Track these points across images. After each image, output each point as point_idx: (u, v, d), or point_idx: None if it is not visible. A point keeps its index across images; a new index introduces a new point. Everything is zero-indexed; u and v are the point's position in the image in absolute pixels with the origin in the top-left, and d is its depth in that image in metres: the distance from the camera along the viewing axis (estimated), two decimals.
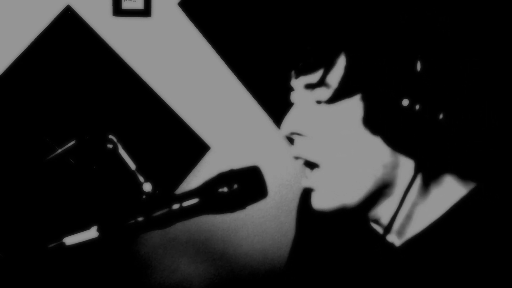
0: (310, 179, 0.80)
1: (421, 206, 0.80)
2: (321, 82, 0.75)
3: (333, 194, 0.77)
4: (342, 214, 0.79)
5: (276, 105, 0.79)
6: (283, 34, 1.93)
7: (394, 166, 0.76)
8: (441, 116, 0.70)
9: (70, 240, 0.71)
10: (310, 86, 0.77)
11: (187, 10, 1.96)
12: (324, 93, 0.75)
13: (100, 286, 2.02)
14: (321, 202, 0.79)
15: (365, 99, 0.73)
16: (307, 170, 0.81)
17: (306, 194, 1.02)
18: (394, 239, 0.83)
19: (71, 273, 1.87)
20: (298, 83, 0.80)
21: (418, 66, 0.70)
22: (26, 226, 1.88)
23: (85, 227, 0.72)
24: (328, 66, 0.74)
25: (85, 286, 1.98)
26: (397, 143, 0.73)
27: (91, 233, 0.71)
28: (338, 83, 0.73)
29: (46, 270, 1.65)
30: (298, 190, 2.40)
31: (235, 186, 0.72)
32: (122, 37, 1.93)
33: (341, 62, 0.74)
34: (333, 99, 0.74)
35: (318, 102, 0.76)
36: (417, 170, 0.75)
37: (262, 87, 2.06)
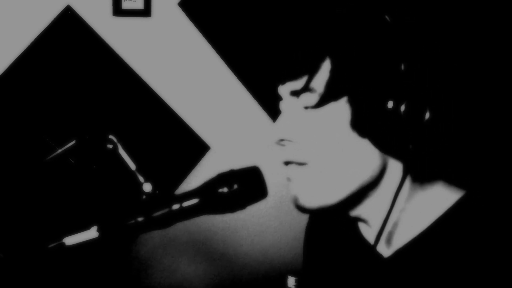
0: (295, 179, 0.80)
1: (409, 213, 0.79)
2: (306, 88, 0.75)
3: (318, 193, 0.78)
4: (322, 212, 0.80)
5: (276, 105, 0.80)
6: (280, 34, 1.93)
7: (382, 169, 0.77)
8: (427, 116, 0.71)
9: (70, 240, 0.71)
10: (295, 93, 0.77)
11: (187, 10, 1.97)
12: (310, 98, 0.75)
13: (100, 286, 2.02)
14: (305, 201, 0.79)
15: (351, 102, 0.73)
16: (292, 173, 0.80)
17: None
18: (382, 249, 0.82)
19: (71, 273, 1.87)
20: (284, 90, 0.80)
21: (402, 67, 0.70)
22: (26, 226, 1.88)
23: (85, 227, 0.72)
24: (313, 71, 0.74)
25: (85, 286, 1.97)
26: (384, 145, 0.74)
27: (91, 233, 0.71)
28: (324, 87, 0.74)
29: (46, 270, 1.65)
30: None
31: (235, 186, 0.72)
32: (122, 37, 1.93)
33: (325, 67, 0.74)
34: (319, 104, 0.74)
35: (306, 107, 0.77)
36: (405, 173, 0.75)
37: (262, 87, 2.06)
